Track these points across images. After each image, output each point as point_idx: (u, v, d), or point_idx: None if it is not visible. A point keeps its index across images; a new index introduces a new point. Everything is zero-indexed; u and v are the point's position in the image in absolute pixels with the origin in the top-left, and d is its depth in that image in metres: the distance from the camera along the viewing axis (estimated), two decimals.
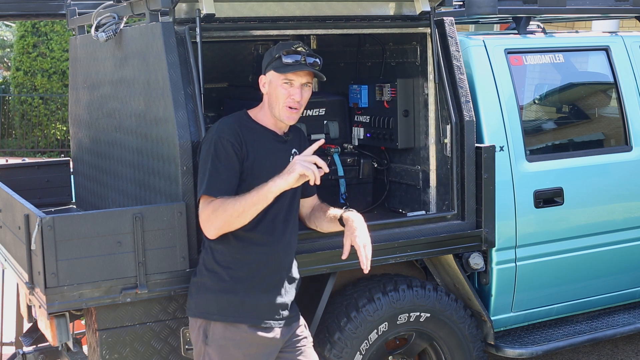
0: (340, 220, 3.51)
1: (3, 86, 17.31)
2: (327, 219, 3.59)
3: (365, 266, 3.36)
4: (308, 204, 3.67)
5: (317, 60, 3.40)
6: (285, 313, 3.42)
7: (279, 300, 3.40)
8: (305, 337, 3.55)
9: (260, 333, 3.35)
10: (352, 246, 3.42)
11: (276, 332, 3.39)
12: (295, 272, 3.50)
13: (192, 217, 3.53)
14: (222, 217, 3.22)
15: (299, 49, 3.37)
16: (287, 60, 3.35)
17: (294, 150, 3.50)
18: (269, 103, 3.44)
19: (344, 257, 3.43)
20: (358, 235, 3.40)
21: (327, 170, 3.20)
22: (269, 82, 3.42)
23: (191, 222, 3.53)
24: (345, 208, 3.56)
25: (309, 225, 3.69)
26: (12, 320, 5.36)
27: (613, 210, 4.75)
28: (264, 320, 3.36)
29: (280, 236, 3.40)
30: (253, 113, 3.48)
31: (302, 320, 3.58)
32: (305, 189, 3.58)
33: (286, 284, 3.44)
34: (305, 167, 3.15)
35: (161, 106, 3.63)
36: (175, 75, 3.55)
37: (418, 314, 4.11)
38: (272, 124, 3.45)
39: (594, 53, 4.87)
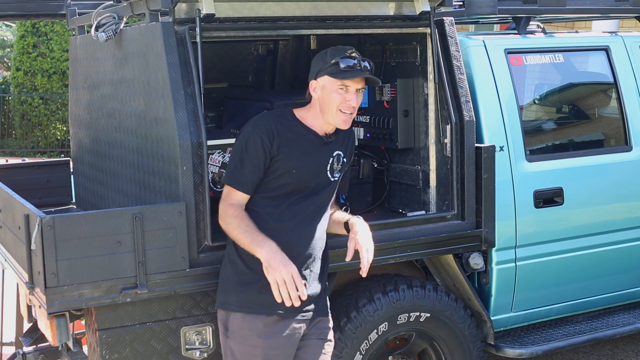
0: (346, 225, 3.56)
1: (3, 86, 17.31)
2: (333, 220, 3.63)
3: (365, 269, 3.41)
4: None
5: (370, 64, 3.43)
6: (306, 306, 3.42)
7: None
8: (325, 340, 3.54)
9: (278, 324, 3.38)
10: (355, 250, 3.46)
11: (295, 324, 3.40)
12: (317, 267, 3.50)
13: (192, 217, 3.53)
14: (225, 227, 3.39)
15: (353, 54, 3.40)
16: (343, 66, 3.36)
17: (336, 152, 3.53)
18: (320, 107, 3.45)
19: (348, 259, 3.46)
20: (361, 238, 3.46)
21: (300, 298, 3.27)
22: (322, 87, 3.42)
23: (191, 222, 3.53)
24: (346, 209, 3.58)
25: None
26: (12, 320, 5.36)
27: (613, 210, 4.75)
28: (279, 311, 3.37)
29: (304, 230, 3.43)
30: (299, 113, 3.51)
31: (329, 322, 3.58)
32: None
33: (308, 277, 3.44)
34: (278, 283, 3.23)
35: (161, 106, 3.63)
36: (175, 75, 3.55)
37: (418, 314, 4.11)
38: (318, 126, 3.48)
39: (594, 53, 4.87)
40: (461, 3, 4.54)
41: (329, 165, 3.50)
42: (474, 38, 4.40)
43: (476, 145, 4.12)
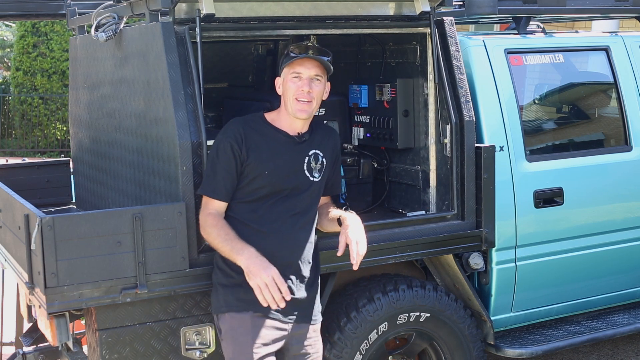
0: (339, 222, 3.53)
1: (3, 86, 17.31)
2: (327, 218, 3.61)
3: (355, 261, 3.38)
4: (322, 201, 3.68)
5: (324, 52, 3.45)
6: (292, 310, 3.43)
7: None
8: (309, 354, 3.54)
9: (264, 319, 3.39)
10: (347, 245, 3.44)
11: (282, 324, 3.42)
12: (307, 271, 3.50)
13: (191, 217, 3.53)
14: (205, 235, 3.44)
15: (307, 44, 3.45)
16: (293, 54, 3.41)
17: (313, 151, 3.51)
18: (284, 102, 3.48)
19: (339, 254, 3.44)
20: (351, 231, 3.43)
21: (285, 299, 3.29)
22: (282, 80, 3.47)
23: (191, 222, 3.53)
24: (346, 208, 3.57)
25: None
26: (12, 320, 5.36)
27: (613, 210, 4.74)
28: (267, 310, 3.37)
29: (286, 233, 3.42)
30: (269, 116, 3.54)
31: (316, 330, 3.57)
32: (326, 188, 3.63)
33: (295, 281, 3.44)
34: (261, 288, 3.26)
35: (161, 106, 3.63)
36: (175, 75, 3.55)
37: (418, 314, 4.11)
38: (288, 126, 3.49)
39: (594, 53, 4.87)
40: (461, 3, 4.54)
41: (305, 164, 3.49)
42: (474, 38, 4.40)
43: (476, 145, 4.12)
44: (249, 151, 3.39)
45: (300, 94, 3.40)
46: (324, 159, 3.54)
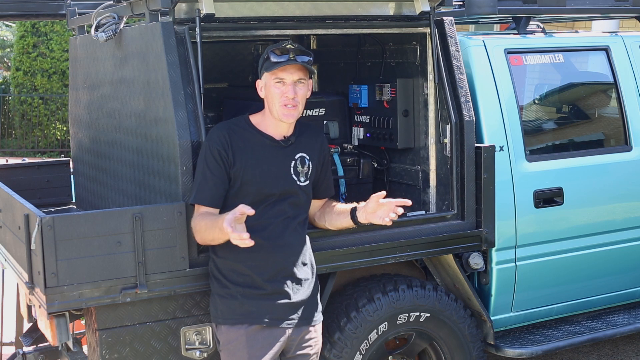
0: (352, 215, 3.53)
1: (3, 86, 17.31)
2: (336, 213, 3.61)
3: (400, 201, 3.39)
4: (318, 204, 3.68)
5: (308, 57, 3.40)
6: (291, 314, 3.43)
7: (282, 301, 3.41)
8: (310, 354, 3.54)
9: (262, 332, 3.38)
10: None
11: (279, 332, 3.41)
12: (302, 273, 3.49)
13: (191, 217, 3.53)
14: (199, 237, 3.39)
15: (287, 46, 3.39)
16: (275, 59, 3.36)
17: (299, 154, 3.50)
18: (268, 106, 3.46)
19: (389, 222, 3.42)
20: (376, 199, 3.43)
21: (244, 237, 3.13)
22: (265, 84, 3.44)
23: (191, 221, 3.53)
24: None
25: (318, 224, 3.70)
26: (12, 320, 5.36)
27: (613, 210, 4.74)
28: (264, 319, 3.38)
29: (278, 239, 3.41)
30: (254, 118, 3.51)
31: (317, 330, 3.57)
32: (319, 191, 3.62)
33: (291, 284, 3.44)
34: (236, 240, 3.11)
35: (161, 106, 3.63)
36: (175, 75, 3.55)
37: (418, 314, 4.11)
38: (272, 129, 3.47)
39: (594, 53, 4.87)
40: (461, 3, 4.54)
41: (291, 168, 3.47)
42: (474, 38, 4.40)
43: (476, 145, 4.12)
44: (235, 156, 3.38)
45: (285, 100, 3.38)
46: (310, 162, 3.53)
